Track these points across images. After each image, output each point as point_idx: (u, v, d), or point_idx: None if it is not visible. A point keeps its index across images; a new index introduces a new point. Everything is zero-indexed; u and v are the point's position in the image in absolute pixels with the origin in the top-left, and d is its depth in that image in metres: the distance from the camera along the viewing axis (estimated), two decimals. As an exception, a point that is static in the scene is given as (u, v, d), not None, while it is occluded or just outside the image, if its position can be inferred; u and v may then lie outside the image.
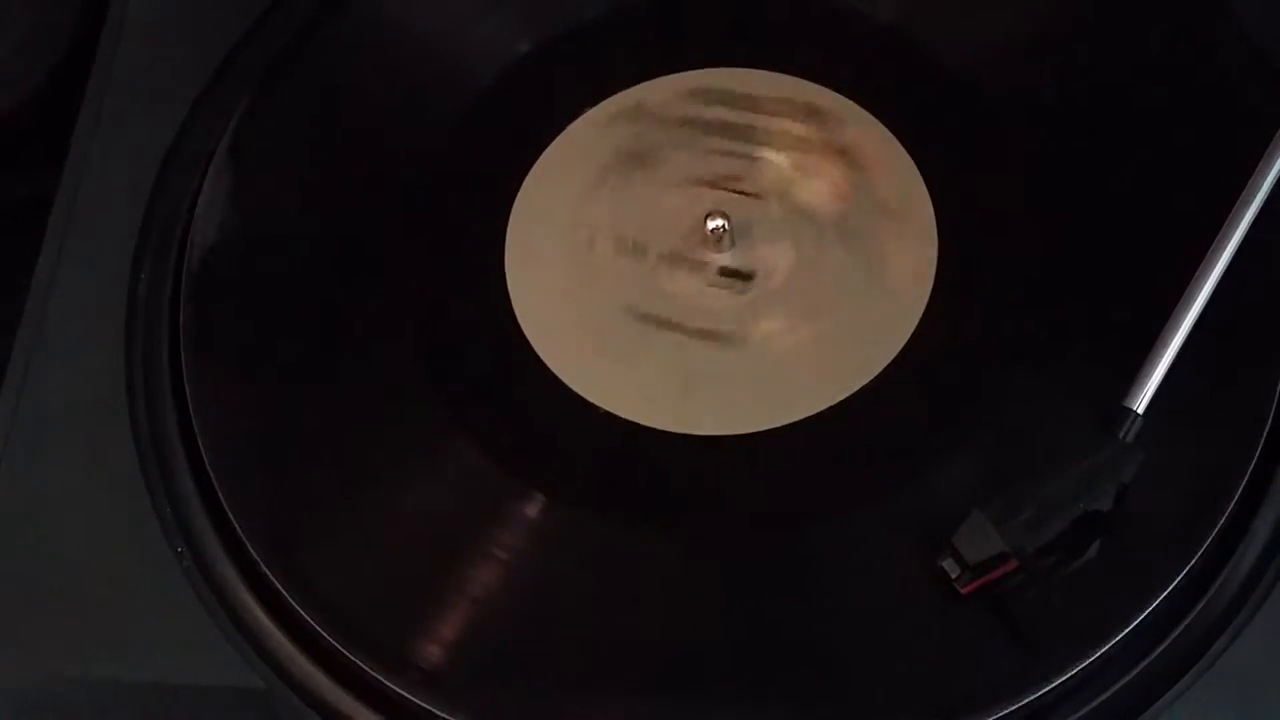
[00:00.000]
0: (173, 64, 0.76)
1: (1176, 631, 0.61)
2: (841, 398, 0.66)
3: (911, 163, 0.70)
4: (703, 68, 0.73)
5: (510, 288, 0.70)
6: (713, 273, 0.70)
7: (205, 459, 0.66)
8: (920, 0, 0.74)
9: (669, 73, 0.74)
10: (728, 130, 0.72)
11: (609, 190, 0.72)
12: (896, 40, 0.73)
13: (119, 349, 0.69)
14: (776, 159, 0.72)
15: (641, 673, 0.62)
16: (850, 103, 0.72)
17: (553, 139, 0.73)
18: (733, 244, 0.69)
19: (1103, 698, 0.60)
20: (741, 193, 0.71)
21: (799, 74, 0.73)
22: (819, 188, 0.71)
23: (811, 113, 0.72)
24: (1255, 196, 0.65)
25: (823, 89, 0.72)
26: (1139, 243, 0.67)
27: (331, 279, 0.70)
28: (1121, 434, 0.61)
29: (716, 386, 0.67)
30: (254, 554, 0.64)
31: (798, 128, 0.72)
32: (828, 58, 0.73)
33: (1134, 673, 0.60)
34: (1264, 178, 0.65)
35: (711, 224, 0.69)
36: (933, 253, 0.68)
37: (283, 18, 0.76)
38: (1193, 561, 0.61)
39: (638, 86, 0.74)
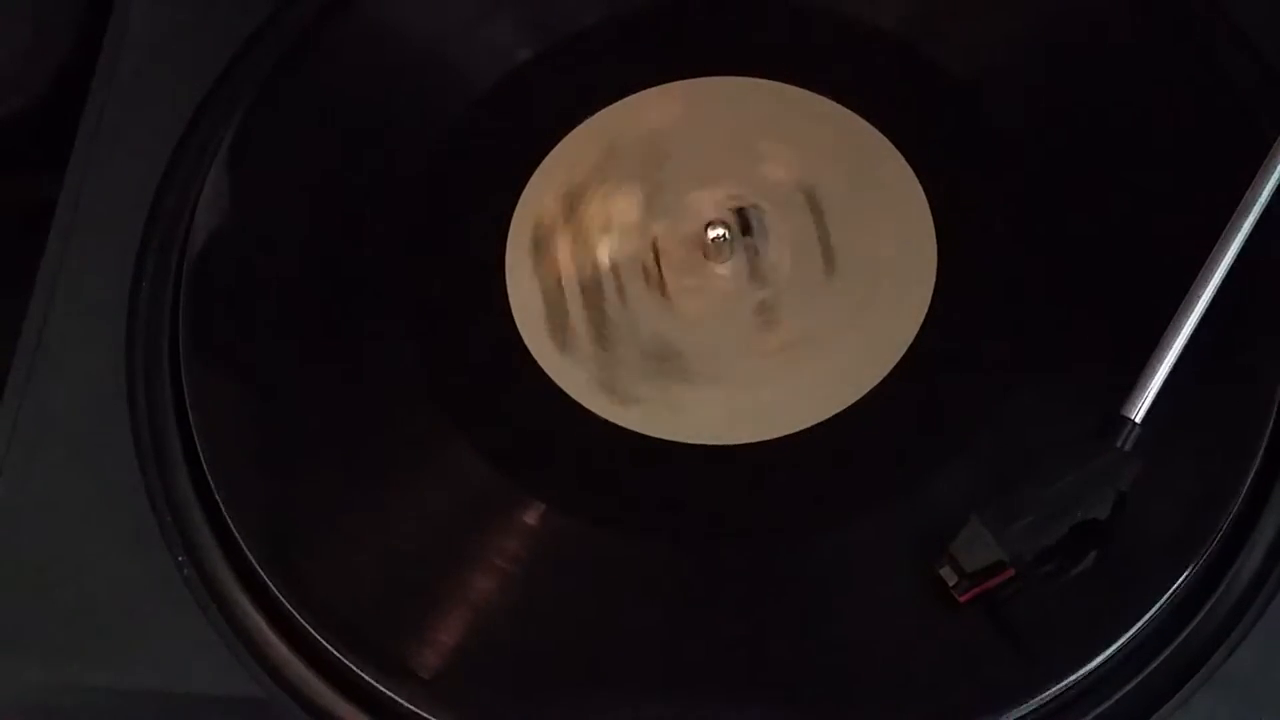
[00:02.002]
0: (174, 69, 0.76)
1: (1176, 641, 0.61)
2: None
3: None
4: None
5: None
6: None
7: (205, 465, 0.66)
8: (920, 8, 0.74)
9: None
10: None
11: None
12: (896, 48, 0.73)
13: (120, 354, 0.70)
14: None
15: (640, 680, 0.62)
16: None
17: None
18: (732, 254, 0.69)
19: (1102, 708, 0.60)
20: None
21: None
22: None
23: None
24: (1254, 204, 0.64)
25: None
26: (1138, 251, 0.67)
27: (332, 285, 0.70)
28: (1119, 442, 0.61)
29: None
30: (253, 561, 0.64)
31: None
32: (827, 66, 0.73)
33: (1133, 682, 0.60)
34: (1262, 186, 0.65)
35: (712, 233, 0.69)
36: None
37: (284, 23, 0.76)
38: (1192, 570, 0.61)
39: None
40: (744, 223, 0.70)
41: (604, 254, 0.71)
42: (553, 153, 0.73)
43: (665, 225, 0.71)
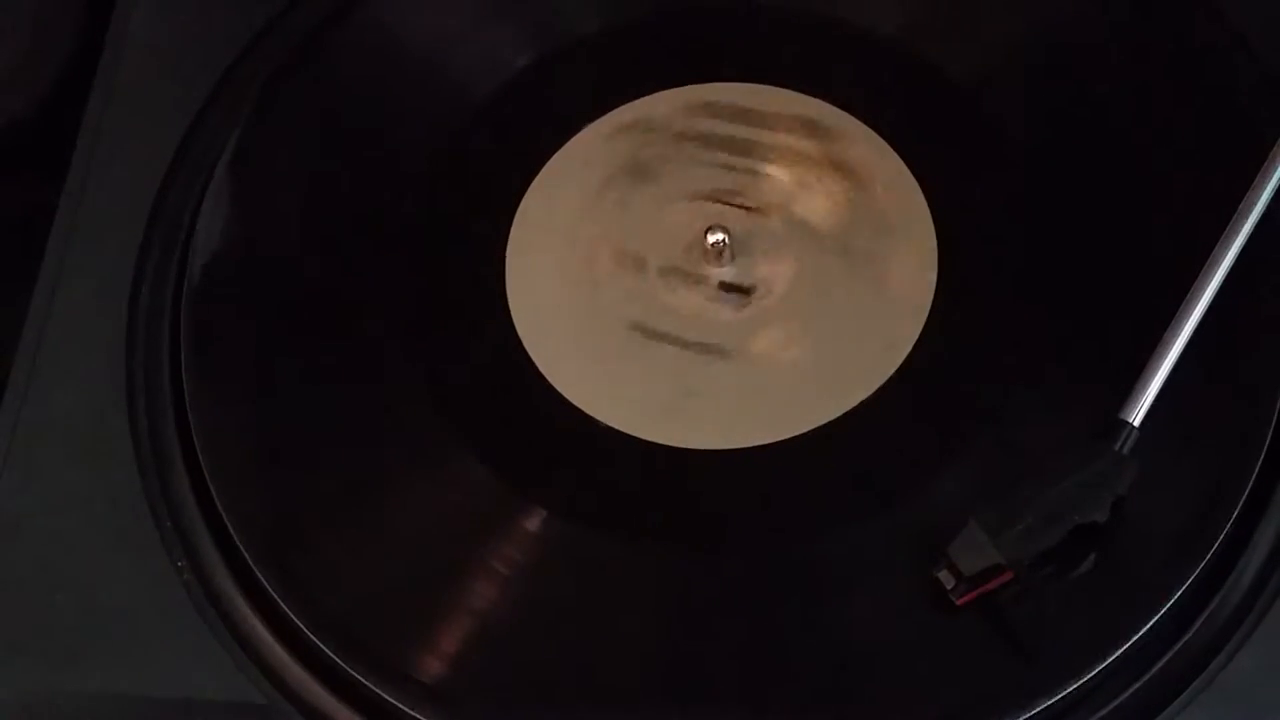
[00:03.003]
0: (175, 75, 0.76)
1: (1176, 647, 0.61)
2: (840, 412, 0.66)
3: (911, 176, 0.70)
4: (702, 82, 0.73)
5: (511, 301, 0.70)
6: (712, 287, 0.70)
7: (205, 469, 0.66)
8: (919, 15, 0.74)
9: (669, 87, 0.74)
10: (729, 145, 0.72)
11: (611, 204, 0.72)
12: (895, 54, 0.73)
13: (120, 359, 0.70)
14: (778, 174, 0.71)
15: (641, 686, 0.62)
16: (850, 117, 0.72)
17: (553, 153, 0.73)
18: (733, 258, 0.69)
19: (1102, 713, 0.60)
20: (743, 207, 0.71)
21: (799, 88, 0.73)
22: (820, 202, 0.71)
23: (812, 128, 0.72)
24: (1254, 207, 0.65)
25: (822, 103, 0.72)
26: (1137, 253, 0.67)
27: (332, 289, 0.71)
28: (1118, 446, 0.61)
29: (716, 400, 0.67)
30: (253, 565, 0.64)
31: (799, 143, 0.72)
32: (827, 72, 0.73)
33: (1133, 688, 0.60)
34: (1262, 189, 0.65)
35: (712, 238, 0.69)
36: (932, 266, 0.68)
37: (284, 30, 0.76)
38: (1193, 576, 0.60)
39: (641, 100, 0.74)
40: (744, 228, 0.70)
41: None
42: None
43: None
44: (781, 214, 0.71)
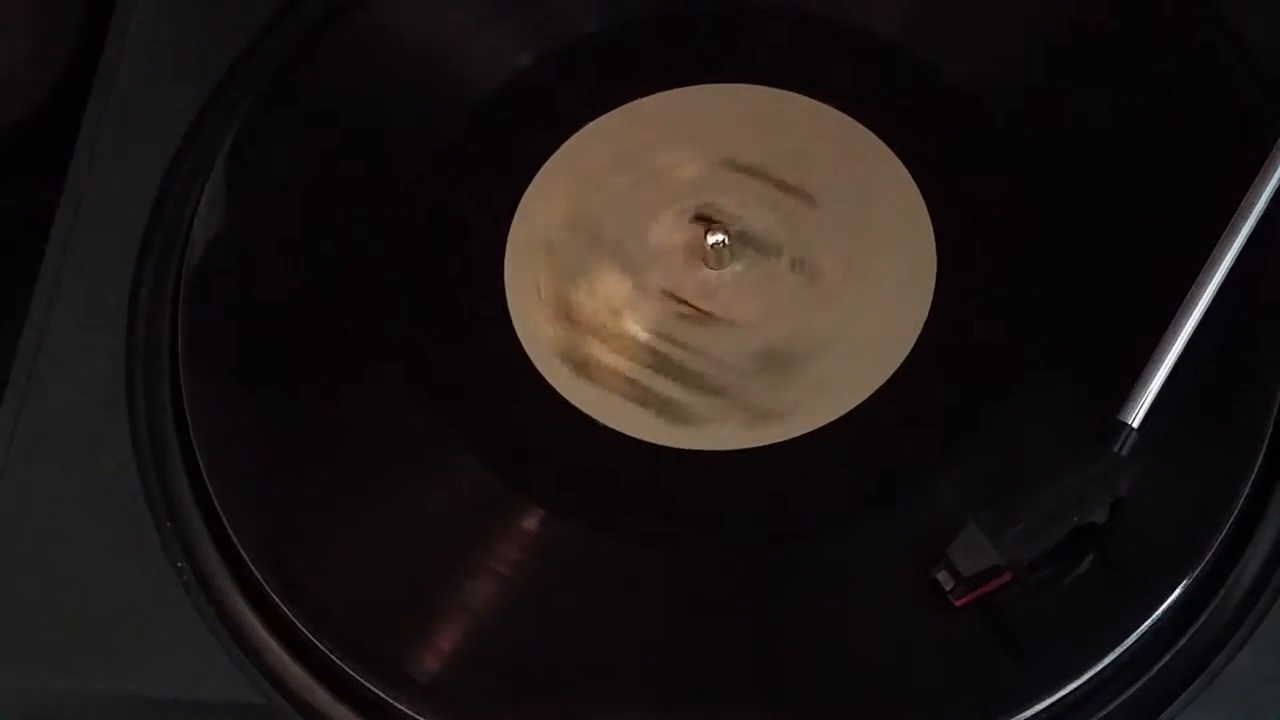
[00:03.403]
0: (175, 75, 0.76)
1: (1176, 647, 0.61)
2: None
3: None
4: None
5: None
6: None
7: (204, 470, 0.66)
8: (919, 15, 0.74)
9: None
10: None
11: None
12: (895, 55, 0.73)
13: (120, 358, 0.70)
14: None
15: (639, 687, 0.62)
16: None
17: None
18: (731, 260, 0.69)
19: (1102, 713, 0.60)
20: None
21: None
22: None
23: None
24: (1253, 208, 0.64)
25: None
26: (1137, 254, 0.67)
27: (331, 291, 0.70)
28: (1116, 447, 0.61)
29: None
30: (252, 566, 0.64)
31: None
32: (826, 72, 0.73)
33: (1134, 688, 0.60)
34: (1262, 190, 0.65)
35: (711, 239, 0.69)
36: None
37: (284, 30, 0.76)
38: (1193, 576, 0.61)
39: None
40: (745, 230, 0.70)
41: (639, 332, 0.70)
42: (551, 160, 0.73)
43: (668, 230, 0.71)
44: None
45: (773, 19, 0.74)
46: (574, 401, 0.67)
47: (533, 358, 0.68)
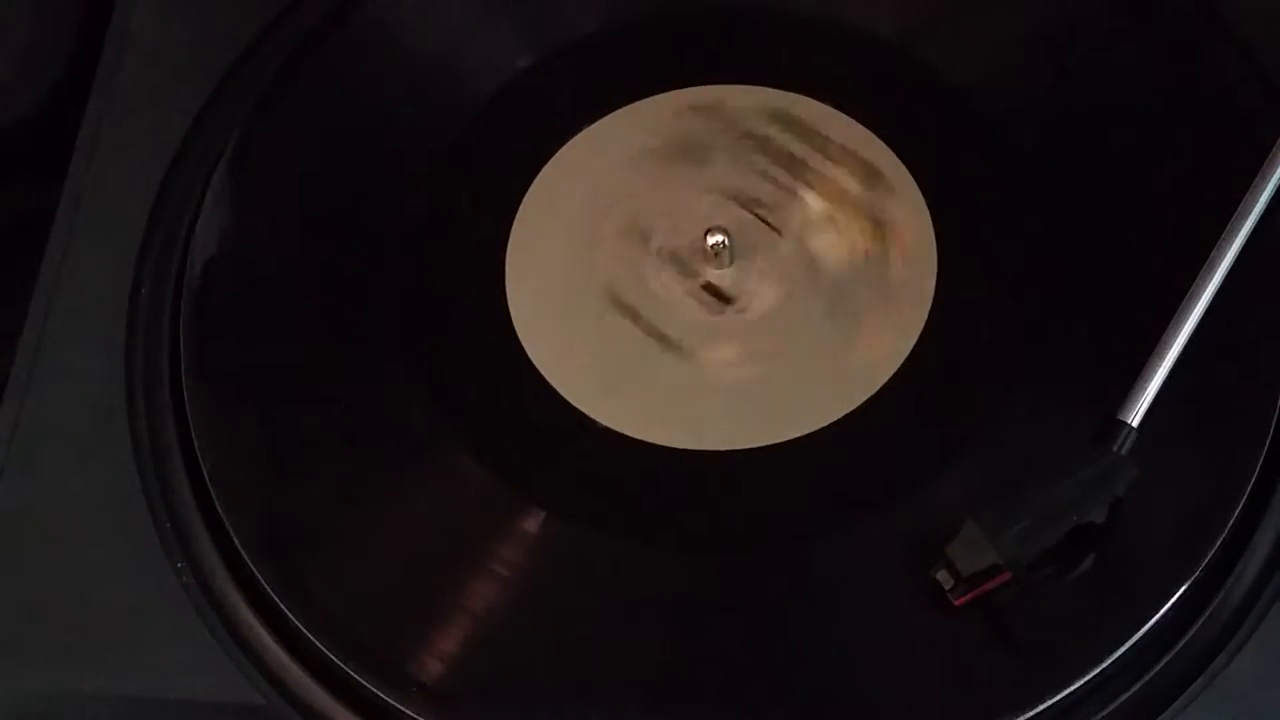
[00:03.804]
0: (175, 75, 0.76)
1: (1176, 648, 0.61)
2: (843, 413, 0.66)
3: (910, 177, 0.70)
4: (702, 84, 0.73)
5: (511, 302, 0.70)
6: (708, 288, 0.70)
7: (204, 471, 0.66)
8: (922, 18, 0.74)
9: (669, 89, 0.74)
10: (784, 159, 0.72)
11: (611, 204, 0.72)
12: (895, 56, 0.73)
13: (120, 359, 0.70)
14: (776, 178, 0.72)
15: (639, 688, 0.62)
16: (847, 118, 0.72)
17: (554, 153, 0.73)
18: (732, 260, 0.69)
19: (1101, 714, 0.60)
20: (742, 209, 0.71)
21: (797, 90, 0.73)
22: (818, 207, 0.71)
23: (869, 173, 0.72)
24: (1253, 207, 0.65)
25: (819, 104, 0.72)
26: (1136, 254, 0.67)
27: (332, 291, 0.71)
28: (1116, 447, 0.61)
29: (716, 401, 0.67)
30: (252, 568, 0.64)
31: (850, 182, 0.72)
32: (826, 73, 0.73)
33: (1133, 689, 0.60)
34: (1261, 190, 0.65)
35: (711, 240, 0.69)
36: (933, 267, 0.68)
37: (284, 32, 0.76)
38: (1193, 577, 0.60)
39: (721, 87, 0.74)
40: (748, 237, 0.70)
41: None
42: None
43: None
44: (778, 218, 0.71)
45: (773, 20, 0.75)
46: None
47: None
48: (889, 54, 0.73)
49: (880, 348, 0.67)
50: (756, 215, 0.71)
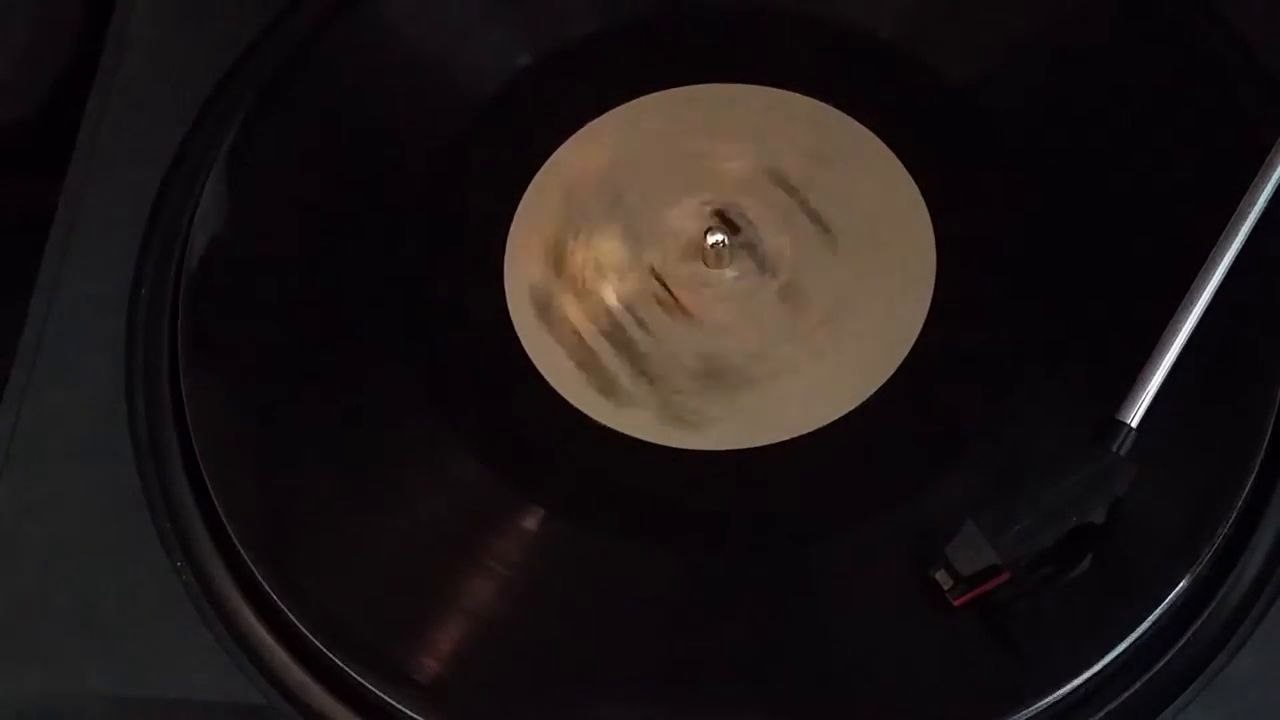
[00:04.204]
0: (175, 75, 0.76)
1: (1176, 647, 0.61)
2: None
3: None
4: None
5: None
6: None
7: (204, 469, 0.66)
8: (920, 17, 0.74)
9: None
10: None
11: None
12: (894, 56, 0.73)
13: (120, 358, 0.70)
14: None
15: (639, 686, 0.62)
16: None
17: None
18: (732, 260, 0.69)
19: (1101, 713, 0.60)
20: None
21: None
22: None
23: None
24: (1253, 207, 0.65)
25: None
26: (1136, 254, 0.67)
27: (331, 290, 0.71)
28: (1115, 447, 0.61)
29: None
30: (252, 567, 0.64)
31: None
32: (826, 73, 0.73)
33: (1133, 688, 0.60)
34: (1261, 189, 0.65)
35: (711, 239, 0.69)
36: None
37: (284, 29, 0.76)
38: (1192, 576, 0.60)
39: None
40: (745, 231, 0.70)
41: (611, 298, 0.70)
42: (549, 161, 0.73)
43: (670, 229, 0.71)
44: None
45: (773, 19, 0.74)
46: (574, 401, 0.67)
47: (533, 358, 0.68)
48: (889, 54, 0.73)
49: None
50: (739, 208, 0.71)
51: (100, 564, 0.65)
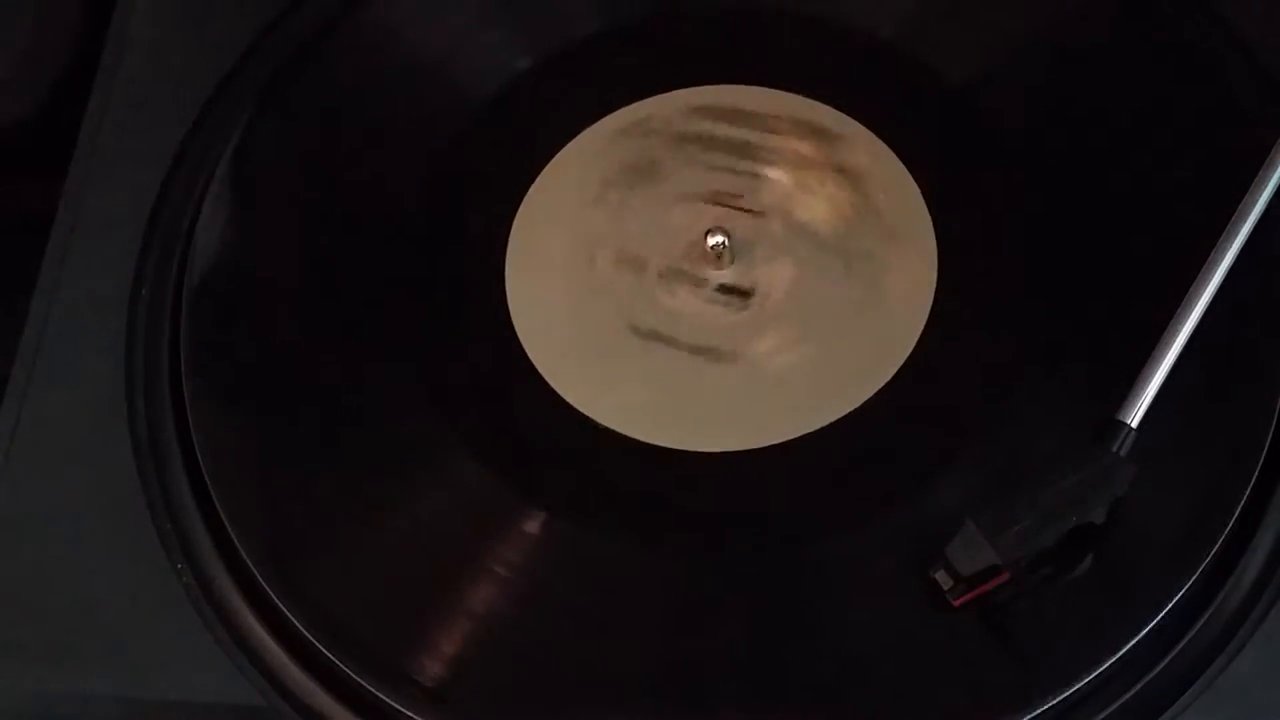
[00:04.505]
0: (175, 75, 0.76)
1: (1177, 648, 0.61)
2: (841, 414, 0.66)
3: (911, 180, 0.70)
4: (702, 84, 0.73)
5: (511, 304, 0.70)
6: (712, 289, 0.70)
7: (204, 471, 0.66)
8: (918, 16, 0.74)
9: (669, 89, 0.74)
10: (731, 147, 0.72)
11: (612, 205, 0.72)
12: (894, 56, 0.73)
13: (120, 359, 0.70)
14: (779, 177, 0.71)
15: (640, 688, 0.62)
16: (850, 119, 0.72)
17: (554, 155, 0.73)
18: (733, 261, 0.69)
19: (1102, 715, 0.60)
20: (743, 209, 0.71)
21: (799, 91, 0.73)
22: (819, 205, 0.71)
23: (814, 131, 0.72)
24: (1253, 207, 0.65)
25: (823, 106, 0.72)
26: (1136, 254, 0.67)
27: (332, 292, 0.71)
28: (1115, 447, 0.61)
29: (715, 402, 0.67)
30: (253, 569, 0.64)
31: (801, 146, 0.72)
32: (826, 74, 0.73)
33: (1133, 690, 0.60)
34: (1261, 191, 0.65)
35: (712, 240, 0.69)
36: (932, 267, 0.68)
37: (285, 30, 0.76)
38: (1193, 578, 0.60)
39: (643, 101, 0.74)
40: (744, 231, 0.70)
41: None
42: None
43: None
44: (781, 217, 0.71)
45: (772, 20, 0.74)
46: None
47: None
48: (889, 54, 0.73)
49: (909, 278, 0.68)
50: (733, 207, 0.71)
51: (100, 564, 0.66)
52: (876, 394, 0.66)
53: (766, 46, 0.74)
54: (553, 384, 0.68)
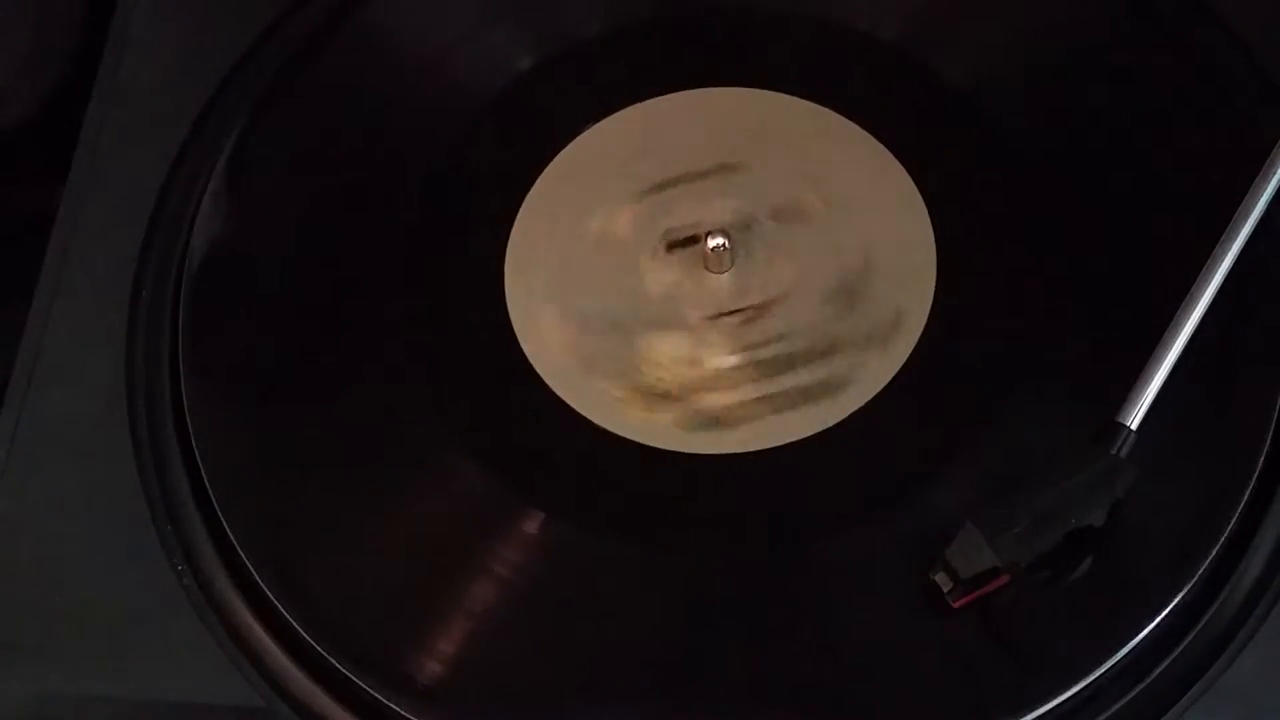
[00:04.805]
0: (175, 76, 0.76)
1: (1177, 650, 0.61)
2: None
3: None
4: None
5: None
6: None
7: (204, 473, 0.66)
8: (921, 21, 0.74)
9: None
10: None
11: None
12: (894, 57, 0.73)
13: (120, 364, 0.70)
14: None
15: (639, 689, 0.62)
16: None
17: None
18: (732, 263, 0.69)
19: (1102, 717, 0.60)
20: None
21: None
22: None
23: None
24: (1252, 210, 0.65)
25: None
26: (1136, 256, 0.67)
27: (332, 293, 0.70)
28: (1115, 449, 0.61)
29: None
30: (252, 569, 0.64)
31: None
32: (826, 75, 0.73)
33: (1134, 691, 0.60)
34: (1260, 192, 0.65)
35: (712, 242, 0.69)
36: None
37: (284, 32, 0.76)
38: (1193, 579, 0.60)
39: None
40: (743, 234, 0.70)
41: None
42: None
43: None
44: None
45: (772, 22, 0.74)
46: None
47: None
48: (889, 54, 0.73)
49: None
50: (734, 210, 0.71)
51: (100, 564, 0.66)
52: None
53: (767, 48, 0.74)
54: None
